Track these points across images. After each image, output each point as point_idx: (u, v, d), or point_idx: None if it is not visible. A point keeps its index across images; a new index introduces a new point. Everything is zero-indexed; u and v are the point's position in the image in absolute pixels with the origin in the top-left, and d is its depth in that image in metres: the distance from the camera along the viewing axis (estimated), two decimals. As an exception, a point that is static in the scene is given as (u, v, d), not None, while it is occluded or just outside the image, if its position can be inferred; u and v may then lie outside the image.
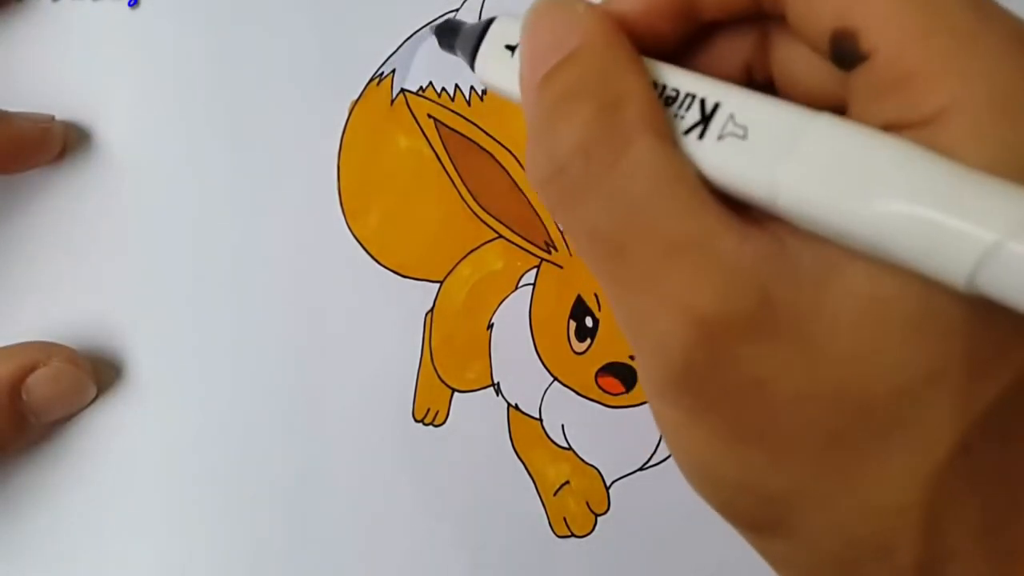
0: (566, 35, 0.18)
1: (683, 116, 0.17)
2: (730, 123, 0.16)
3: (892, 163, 0.14)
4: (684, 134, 0.17)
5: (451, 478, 0.27)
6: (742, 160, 0.16)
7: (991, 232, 0.13)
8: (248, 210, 0.28)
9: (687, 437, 0.17)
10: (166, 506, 0.27)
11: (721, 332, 0.15)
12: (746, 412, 0.16)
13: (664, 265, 0.16)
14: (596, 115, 0.17)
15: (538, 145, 0.18)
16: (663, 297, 0.16)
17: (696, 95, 0.17)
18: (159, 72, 0.28)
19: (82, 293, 0.28)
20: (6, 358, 0.25)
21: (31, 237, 0.28)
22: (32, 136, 0.27)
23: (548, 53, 0.18)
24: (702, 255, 0.16)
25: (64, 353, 0.26)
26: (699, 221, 0.16)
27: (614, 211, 0.16)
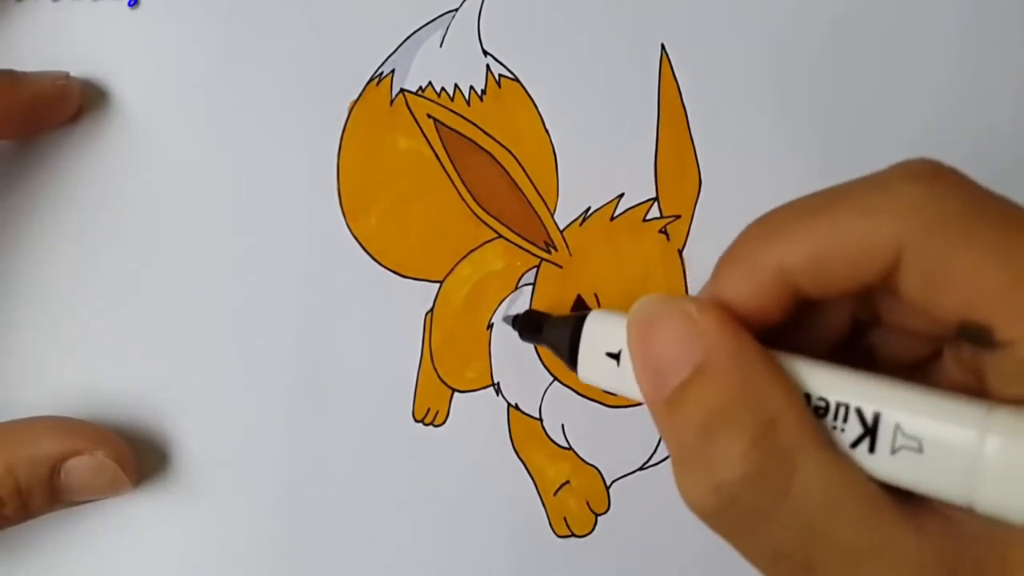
0: (687, 347, 0.18)
1: (843, 429, 0.17)
2: (899, 435, 0.17)
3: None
4: (852, 447, 0.17)
5: (451, 478, 0.27)
6: (924, 473, 0.16)
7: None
8: (248, 210, 0.28)
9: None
10: (164, 503, 0.27)
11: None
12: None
13: (851, 574, 0.16)
14: (755, 442, 0.17)
15: (693, 474, 0.18)
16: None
17: (849, 405, 0.17)
18: (159, 72, 0.28)
19: (82, 284, 0.28)
20: (58, 436, 0.25)
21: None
22: (50, 94, 0.27)
23: (670, 368, 0.18)
24: (888, 561, 0.16)
25: (111, 446, 0.25)
26: (880, 528, 0.16)
27: (795, 532, 0.17)
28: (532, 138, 0.27)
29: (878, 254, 0.17)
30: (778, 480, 0.17)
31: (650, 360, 0.19)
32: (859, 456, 0.17)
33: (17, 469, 0.24)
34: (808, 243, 0.18)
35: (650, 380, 0.19)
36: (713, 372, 0.17)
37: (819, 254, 0.18)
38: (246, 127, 0.28)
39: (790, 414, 0.17)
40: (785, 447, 0.17)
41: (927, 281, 0.17)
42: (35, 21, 0.28)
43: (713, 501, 0.17)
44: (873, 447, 0.17)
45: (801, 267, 0.18)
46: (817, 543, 0.16)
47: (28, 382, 0.28)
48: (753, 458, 0.17)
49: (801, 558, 0.17)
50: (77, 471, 0.25)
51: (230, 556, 0.27)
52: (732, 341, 0.18)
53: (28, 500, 0.24)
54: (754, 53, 0.27)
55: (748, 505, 0.17)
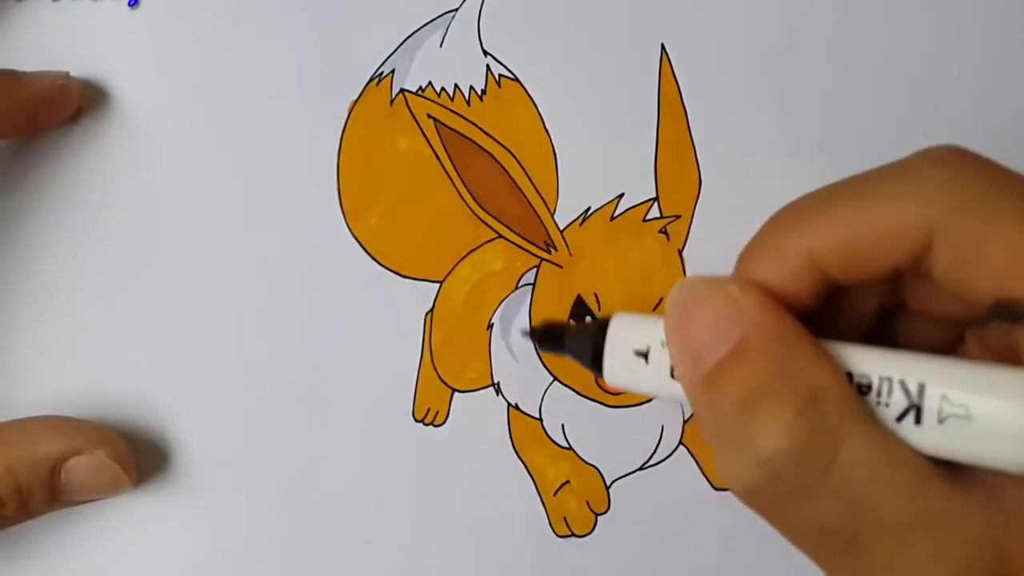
0: (727, 325, 0.18)
1: (887, 404, 0.17)
2: (946, 404, 0.16)
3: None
4: (898, 420, 0.17)
5: (451, 478, 0.27)
6: (974, 440, 0.16)
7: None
8: (248, 210, 0.28)
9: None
10: (164, 503, 0.27)
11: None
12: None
13: (901, 549, 0.16)
14: (798, 416, 0.17)
15: (734, 449, 0.18)
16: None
17: (892, 379, 0.17)
18: (159, 72, 0.28)
19: (82, 283, 0.28)
20: (58, 435, 0.25)
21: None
22: (50, 94, 0.27)
23: (709, 347, 0.18)
24: (936, 533, 0.16)
25: (111, 446, 0.25)
26: (928, 500, 0.16)
27: (841, 507, 0.16)
28: (532, 138, 0.27)
29: (909, 237, 0.17)
30: (823, 453, 0.16)
31: (689, 340, 0.19)
32: (905, 429, 0.17)
33: (17, 469, 0.24)
34: (838, 229, 0.18)
35: (688, 359, 0.19)
36: (755, 347, 0.17)
37: (849, 239, 0.18)
38: (246, 127, 0.28)
39: (834, 387, 0.17)
40: (830, 420, 0.17)
41: (959, 261, 0.17)
42: (35, 21, 0.28)
43: (756, 476, 0.17)
44: (919, 419, 0.16)
45: (831, 253, 0.18)
46: (864, 517, 0.16)
47: (28, 382, 0.28)
48: (797, 431, 0.17)
49: (847, 533, 0.16)
50: (77, 471, 0.25)
51: (230, 556, 0.27)
52: (774, 318, 0.18)
53: (28, 500, 0.24)
54: (754, 53, 0.27)
55: (792, 480, 0.17)
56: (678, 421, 0.27)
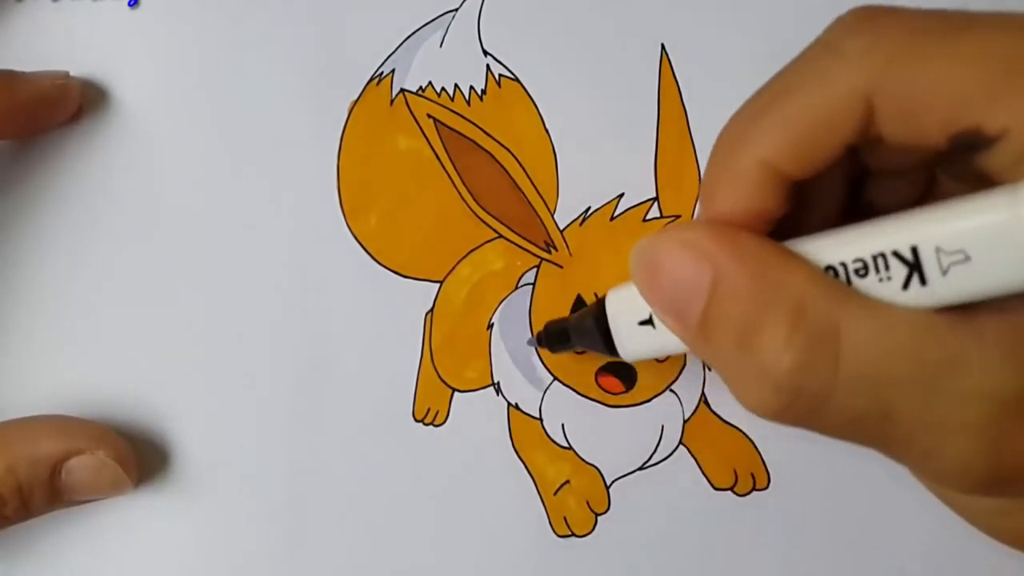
0: (694, 271, 0.18)
1: (890, 277, 0.17)
2: (942, 255, 0.16)
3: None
4: (904, 288, 0.17)
5: (451, 478, 0.27)
6: (982, 276, 0.16)
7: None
8: (248, 210, 0.28)
9: (1007, 510, 0.18)
10: (164, 503, 0.27)
11: (1010, 417, 0.16)
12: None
13: (932, 403, 0.16)
14: (792, 331, 0.17)
15: (748, 384, 0.18)
16: (946, 425, 0.16)
17: (884, 252, 0.17)
18: (159, 72, 0.28)
19: (82, 283, 0.28)
20: (59, 435, 0.25)
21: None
22: (50, 94, 0.27)
23: (688, 298, 0.18)
24: (958, 375, 0.16)
25: (112, 446, 0.25)
26: (938, 347, 0.16)
27: (862, 392, 0.17)
28: (532, 138, 0.27)
29: (849, 111, 0.17)
30: (827, 353, 0.17)
31: (666, 298, 0.19)
32: (915, 293, 0.17)
33: (18, 468, 0.24)
34: (780, 129, 0.18)
35: (674, 317, 0.19)
36: (726, 283, 0.18)
37: (794, 135, 0.18)
38: (246, 127, 0.28)
39: (812, 288, 0.17)
40: (821, 320, 0.17)
41: (903, 115, 0.17)
42: (35, 21, 0.28)
43: (777, 399, 0.17)
44: (924, 279, 0.16)
45: (781, 154, 0.18)
46: (887, 390, 0.16)
47: (28, 382, 0.28)
48: (796, 343, 0.17)
49: (878, 412, 0.17)
50: (78, 470, 0.25)
51: (230, 555, 0.27)
52: (732, 247, 0.18)
53: (29, 499, 0.24)
54: (754, 53, 0.27)
55: (811, 389, 0.17)
56: (678, 421, 0.27)
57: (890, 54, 0.17)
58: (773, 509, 0.26)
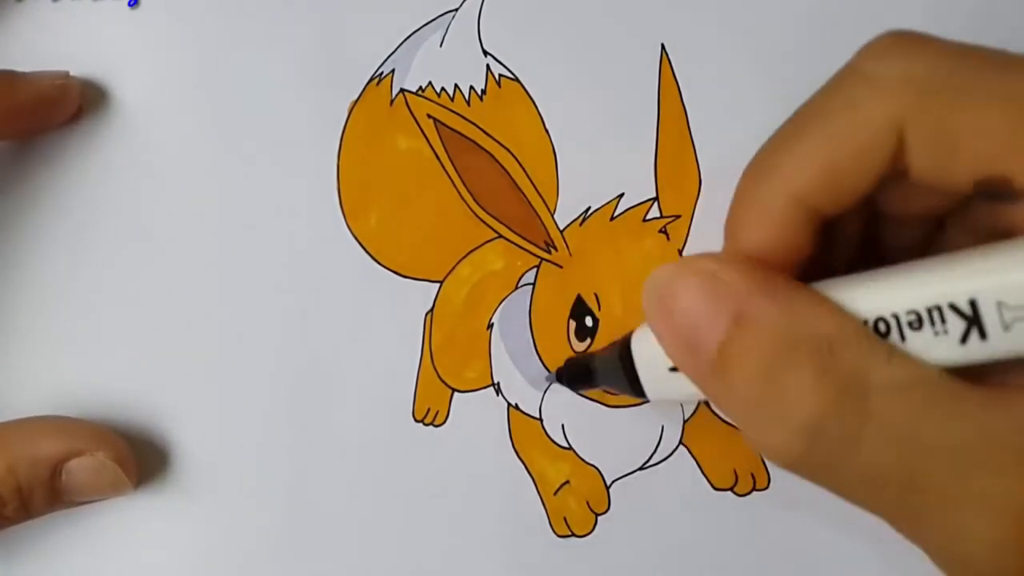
0: (716, 304, 0.17)
1: (946, 331, 0.16)
2: (1005, 311, 0.16)
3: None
4: (962, 343, 0.16)
5: (451, 478, 0.27)
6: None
7: None
8: (247, 210, 0.28)
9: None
10: (164, 503, 0.27)
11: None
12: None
13: (962, 474, 0.15)
14: (821, 373, 0.16)
15: (766, 426, 0.17)
16: (973, 505, 0.15)
17: (940, 305, 0.16)
18: (158, 73, 0.28)
19: (82, 284, 0.28)
20: (59, 436, 0.25)
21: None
22: (50, 94, 0.27)
23: (704, 331, 0.17)
24: (992, 450, 0.15)
25: (112, 447, 0.25)
26: (973, 416, 0.15)
27: (889, 449, 0.16)
28: (532, 138, 0.27)
29: (881, 141, 0.16)
30: (856, 402, 0.16)
31: (680, 330, 0.18)
32: (973, 347, 0.16)
33: (18, 469, 0.24)
34: (811, 160, 0.17)
35: (686, 351, 0.18)
36: (753, 318, 0.17)
37: (826, 167, 0.17)
38: (246, 127, 0.28)
39: (845, 333, 0.16)
40: (852, 366, 0.16)
41: (934, 150, 0.16)
42: (35, 21, 0.28)
43: (798, 444, 0.16)
44: (984, 332, 0.16)
45: (813, 186, 0.17)
46: (913, 454, 0.16)
47: (28, 382, 0.28)
48: (825, 387, 0.16)
49: (901, 476, 0.16)
50: (78, 471, 0.25)
51: (230, 555, 0.27)
52: (764, 282, 0.17)
53: (29, 500, 0.24)
54: (754, 53, 0.27)
55: (835, 436, 0.16)
56: (678, 421, 0.27)
57: (925, 84, 0.16)
58: (773, 509, 0.26)
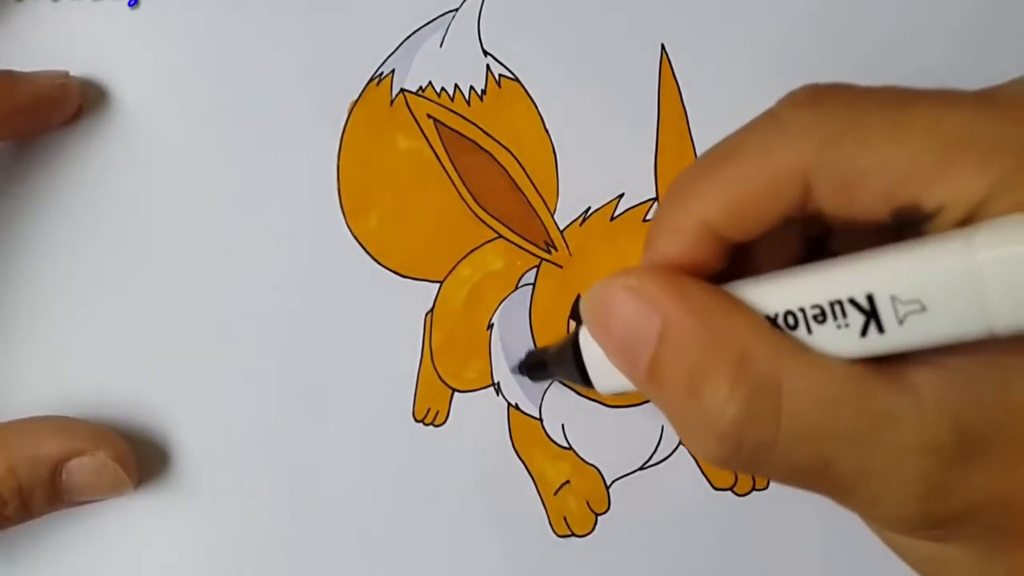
0: (644, 318, 0.18)
1: (847, 324, 0.17)
2: (898, 305, 0.16)
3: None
4: (863, 335, 0.17)
5: (451, 478, 0.27)
6: (939, 325, 0.16)
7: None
8: (248, 210, 0.28)
9: (945, 558, 0.18)
10: (164, 503, 0.27)
11: (942, 468, 0.16)
12: (994, 518, 0.17)
13: (868, 456, 0.17)
14: (736, 380, 0.17)
15: (695, 431, 0.18)
16: (884, 476, 0.17)
17: (840, 300, 0.17)
18: (158, 73, 0.28)
19: (81, 284, 0.28)
20: (59, 436, 0.25)
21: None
22: (50, 94, 0.27)
23: (637, 343, 0.18)
24: (895, 431, 0.16)
25: (112, 447, 0.25)
26: (872, 402, 0.16)
27: (802, 444, 0.17)
28: (532, 138, 0.27)
29: (786, 185, 0.18)
30: (769, 407, 0.17)
31: (617, 344, 0.19)
32: (873, 341, 0.17)
33: (19, 469, 0.24)
34: (720, 192, 0.18)
35: (625, 362, 0.19)
36: (675, 332, 0.18)
37: (732, 201, 0.18)
38: (246, 127, 0.28)
39: (755, 338, 0.17)
40: (763, 371, 0.17)
41: (842, 193, 0.17)
42: (35, 21, 0.28)
43: (721, 450, 0.18)
44: (881, 327, 0.16)
45: (720, 217, 0.18)
46: (826, 444, 0.17)
47: (28, 382, 0.28)
48: (739, 395, 0.17)
49: (819, 463, 0.17)
50: (79, 471, 0.25)
51: (231, 555, 0.27)
52: (679, 296, 0.18)
53: (29, 500, 0.24)
54: (754, 53, 0.27)
55: (753, 441, 0.17)
56: (678, 421, 0.27)
57: (828, 133, 0.17)
58: (773, 509, 0.26)
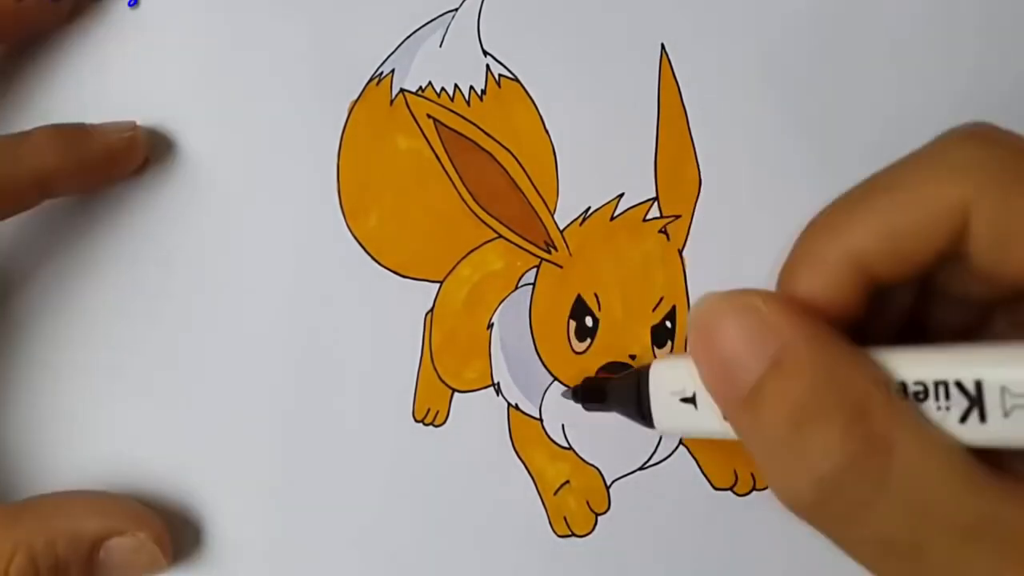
0: (758, 341, 0.17)
1: (948, 407, 0.17)
2: (1008, 396, 0.16)
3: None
4: (961, 422, 0.16)
5: (451, 478, 0.27)
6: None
7: None
8: (247, 210, 0.28)
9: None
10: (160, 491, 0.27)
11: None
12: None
13: (965, 552, 0.16)
14: (848, 430, 0.16)
15: (788, 470, 0.17)
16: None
17: (947, 381, 0.17)
18: (158, 73, 0.28)
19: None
20: (100, 514, 0.25)
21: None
22: (118, 147, 0.27)
23: (743, 366, 0.18)
24: (999, 533, 0.16)
25: (151, 528, 0.25)
26: (987, 502, 0.16)
27: (901, 516, 0.16)
28: (532, 138, 0.27)
29: (946, 219, 0.17)
30: (878, 465, 0.16)
31: (719, 361, 0.18)
32: (971, 428, 0.16)
33: (58, 544, 0.24)
34: (875, 225, 0.18)
35: (722, 381, 0.18)
36: (792, 363, 0.17)
37: (888, 233, 0.17)
38: (246, 127, 0.28)
39: (879, 397, 0.17)
40: (879, 431, 0.16)
41: (996, 236, 0.17)
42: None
43: (814, 495, 0.17)
44: (984, 416, 0.16)
45: (872, 250, 0.18)
46: (924, 526, 0.16)
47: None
48: (849, 445, 0.16)
49: (909, 544, 0.16)
50: (117, 551, 0.25)
51: (227, 557, 0.27)
52: (807, 329, 0.17)
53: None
54: (755, 53, 0.27)
55: (851, 495, 0.16)
56: (678, 421, 0.27)
57: (996, 172, 0.17)
58: (773, 509, 0.26)
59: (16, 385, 0.28)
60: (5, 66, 0.28)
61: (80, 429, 0.27)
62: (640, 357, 0.27)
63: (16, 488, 0.27)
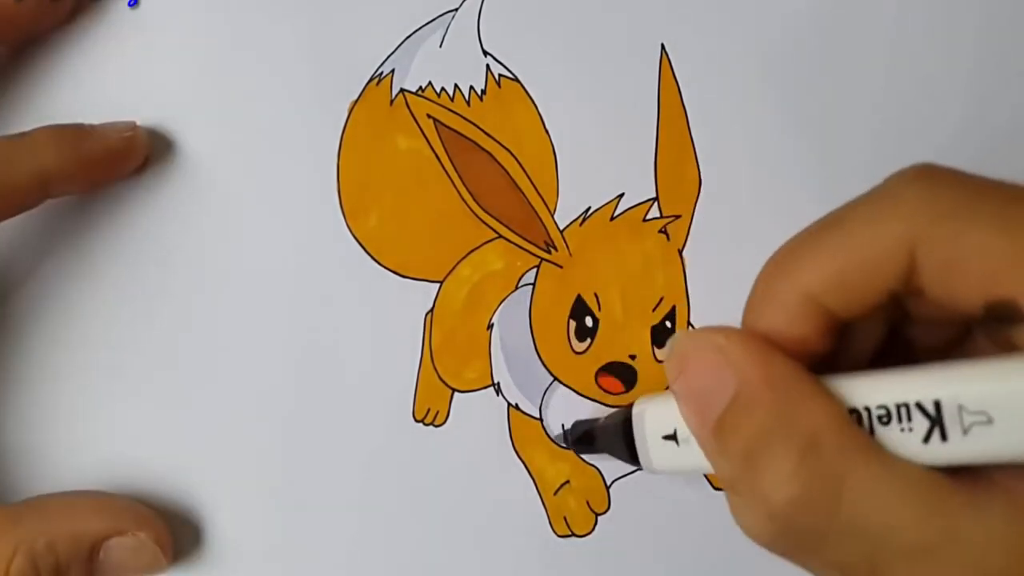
0: (720, 377, 0.18)
1: (911, 428, 0.17)
2: (965, 414, 0.16)
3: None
4: (924, 442, 0.17)
5: (451, 478, 0.27)
6: (1002, 441, 0.16)
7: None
8: (247, 210, 0.28)
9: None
10: (160, 491, 0.27)
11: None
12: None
13: (924, 572, 0.16)
14: (800, 463, 0.17)
15: (747, 501, 0.18)
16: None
17: (908, 403, 0.17)
18: (158, 73, 0.28)
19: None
20: (101, 514, 0.25)
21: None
22: (118, 147, 0.27)
23: (709, 399, 0.18)
24: (953, 550, 0.16)
25: (152, 527, 0.25)
26: (943, 516, 0.16)
27: (854, 543, 0.17)
28: (532, 138, 0.27)
29: (893, 258, 0.17)
30: (829, 496, 0.17)
31: (690, 394, 0.19)
32: (935, 448, 0.17)
33: (58, 545, 0.24)
34: (825, 264, 0.18)
35: (693, 412, 0.19)
36: (746, 398, 0.18)
37: (838, 272, 0.18)
38: (246, 127, 0.28)
39: (830, 428, 0.17)
40: (830, 462, 0.17)
41: (944, 273, 0.17)
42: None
43: (769, 528, 0.17)
44: (945, 435, 0.16)
45: (825, 289, 0.18)
46: (879, 550, 0.16)
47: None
48: (800, 478, 0.17)
49: (866, 567, 0.17)
50: (117, 551, 0.25)
51: (227, 557, 0.27)
52: (761, 366, 0.18)
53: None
54: (754, 53, 0.27)
55: (804, 526, 0.17)
56: (678, 421, 0.27)
57: (940, 210, 0.17)
58: (773, 509, 0.26)
59: (16, 385, 0.28)
60: (5, 66, 0.28)
61: (80, 429, 0.27)
62: (640, 357, 0.27)
63: (16, 488, 0.27)
